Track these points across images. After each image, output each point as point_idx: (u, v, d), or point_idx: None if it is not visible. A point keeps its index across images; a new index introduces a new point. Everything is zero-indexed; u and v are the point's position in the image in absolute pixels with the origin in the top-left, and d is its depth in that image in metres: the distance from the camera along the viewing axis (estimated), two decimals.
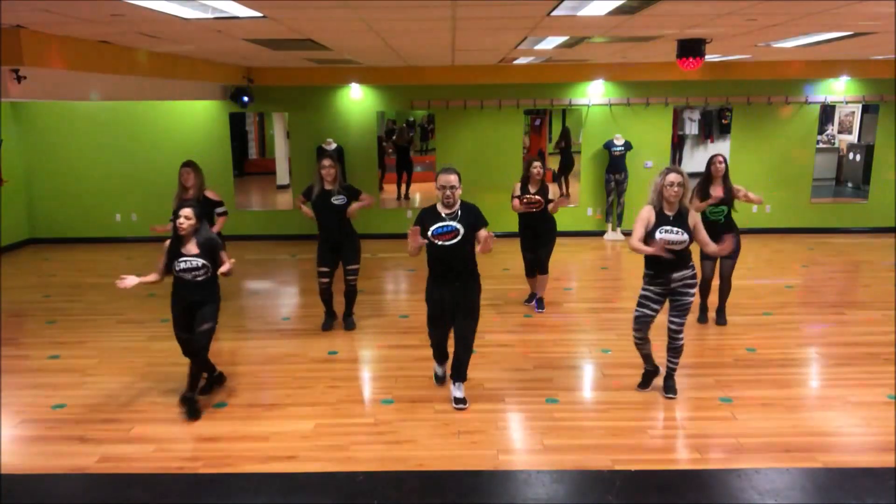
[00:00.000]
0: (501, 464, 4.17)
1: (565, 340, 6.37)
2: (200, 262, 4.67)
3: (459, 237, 4.60)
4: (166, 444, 4.45)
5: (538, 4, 4.46)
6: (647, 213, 4.73)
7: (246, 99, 10.24)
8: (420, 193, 13.93)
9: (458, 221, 4.61)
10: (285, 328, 6.82)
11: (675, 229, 4.63)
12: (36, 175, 10.77)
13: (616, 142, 10.59)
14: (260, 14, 4.63)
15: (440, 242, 4.61)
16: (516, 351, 6.05)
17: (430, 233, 4.62)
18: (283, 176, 14.75)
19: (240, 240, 10.85)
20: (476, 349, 5.81)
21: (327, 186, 6.23)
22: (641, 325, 4.89)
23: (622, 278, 8.86)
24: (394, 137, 14.43)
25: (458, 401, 4.90)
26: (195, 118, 10.72)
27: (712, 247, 4.87)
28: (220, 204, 6.58)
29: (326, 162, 6.24)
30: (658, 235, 4.63)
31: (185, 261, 4.66)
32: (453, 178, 4.59)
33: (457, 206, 4.64)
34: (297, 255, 10.05)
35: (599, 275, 9.06)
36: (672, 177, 4.63)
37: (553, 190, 6.72)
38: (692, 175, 6.11)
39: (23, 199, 10.73)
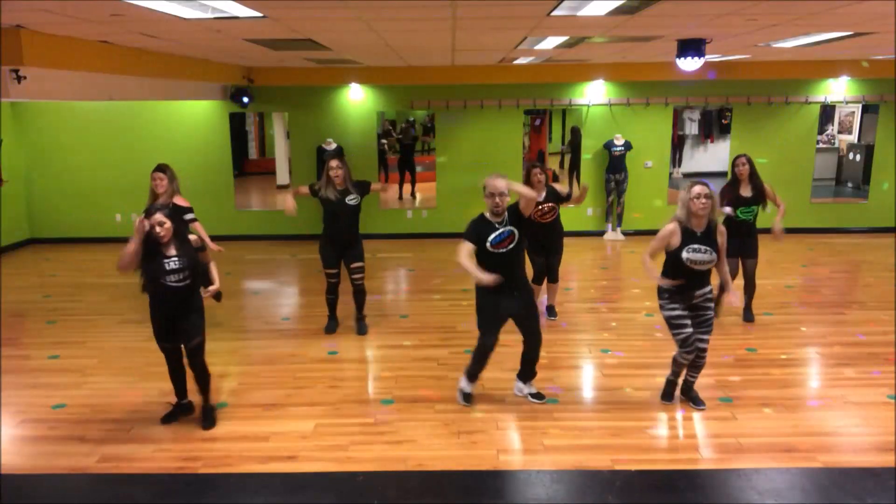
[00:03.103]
0: (501, 464, 4.16)
1: (565, 340, 6.37)
2: (186, 260, 4.33)
3: (516, 240, 4.57)
4: (166, 444, 4.44)
5: (538, 4, 4.46)
6: (670, 232, 4.45)
7: (246, 99, 10.24)
8: (420, 193, 13.93)
9: (511, 224, 4.56)
10: (285, 328, 6.82)
11: (704, 248, 4.36)
12: (36, 175, 10.77)
13: (616, 142, 10.59)
14: (260, 14, 4.63)
15: (500, 251, 4.54)
16: (516, 351, 6.03)
17: (489, 243, 4.51)
18: (283, 176, 14.78)
19: (240, 240, 10.86)
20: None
21: (339, 187, 6.09)
22: (691, 345, 4.57)
23: (622, 278, 8.87)
24: (400, 135, 14.45)
25: (537, 396, 5.01)
26: (195, 118, 10.72)
27: (724, 266, 4.61)
28: (189, 210, 6.01)
29: (334, 163, 6.05)
30: (685, 255, 4.37)
31: (171, 261, 4.30)
32: (502, 185, 4.48)
33: (505, 213, 4.57)
34: (297, 255, 10.04)
35: (599, 275, 9.07)
36: (698, 188, 4.35)
37: (559, 187, 6.49)
38: (692, 175, 6.19)
39: (23, 199, 10.73)
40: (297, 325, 6.94)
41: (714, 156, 15.55)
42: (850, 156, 14.35)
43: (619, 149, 10.56)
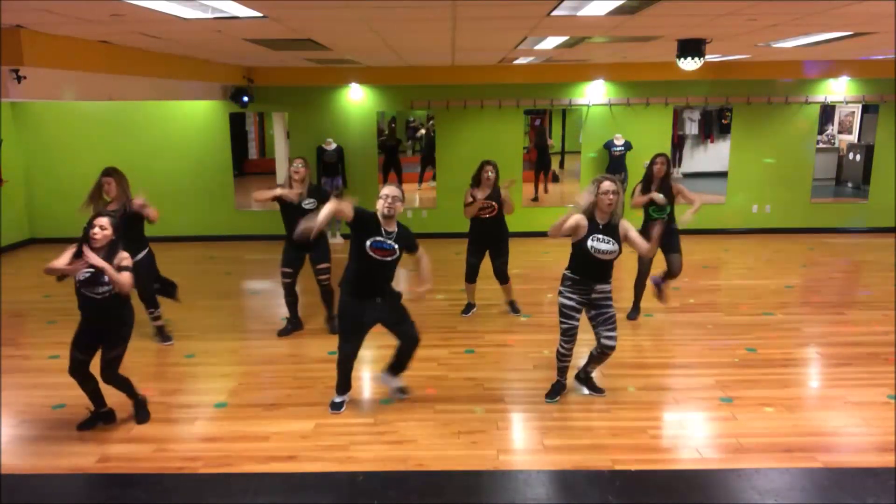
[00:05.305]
0: (501, 464, 4.16)
1: None
2: (105, 277, 4.14)
3: (395, 257, 4.55)
4: (166, 444, 4.44)
5: (538, 4, 4.46)
6: (577, 222, 4.61)
7: (246, 99, 10.24)
8: (420, 193, 13.92)
9: (397, 242, 4.53)
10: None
11: (608, 239, 4.56)
12: (36, 175, 10.77)
13: (616, 142, 10.59)
14: (260, 14, 4.63)
15: (376, 257, 4.48)
16: (516, 351, 6.05)
17: (369, 242, 4.46)
18: (282, 176, 14.73)
19: (240, 240, 10.86)
20: (475, 349, 5.82)
21: (297, 189, 6.06)
22: (571, 337, 4.85)
23: (620, 278, 8.84)
24: (383, 138, 14.40)
25: (402, 391, 5.05)
26: (195, 118, 10.72)
27: (649, 249, 4.81)
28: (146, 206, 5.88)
29: (298, 162, 6.07)
30: (591, 244, 4.56)
31: (88, 272, 4.15)
32: (397, 192, 4.53)
33: (395, 225, 4.55)
34: None
35: None
36: (607, 185, 4.54)
37: (504, 193, 6.52)
38: (693, 175, 6.23)
39: (23, 199, 10.73)
40: None
41: (714, 156, 15.51)
42: (850, 156, 14.35)
43: (619, 149, 10.56)
